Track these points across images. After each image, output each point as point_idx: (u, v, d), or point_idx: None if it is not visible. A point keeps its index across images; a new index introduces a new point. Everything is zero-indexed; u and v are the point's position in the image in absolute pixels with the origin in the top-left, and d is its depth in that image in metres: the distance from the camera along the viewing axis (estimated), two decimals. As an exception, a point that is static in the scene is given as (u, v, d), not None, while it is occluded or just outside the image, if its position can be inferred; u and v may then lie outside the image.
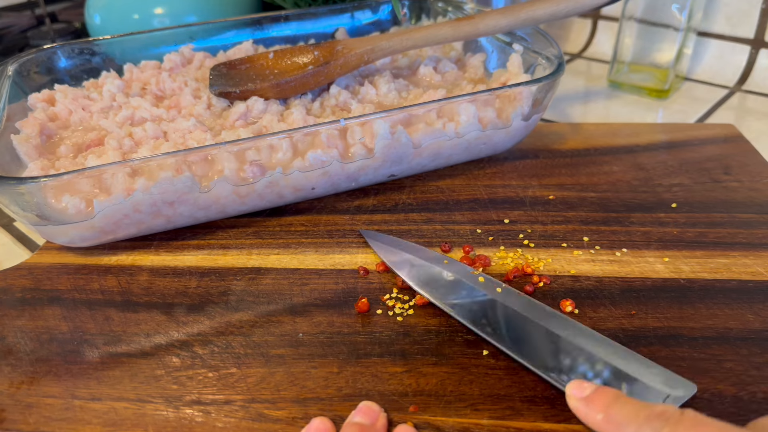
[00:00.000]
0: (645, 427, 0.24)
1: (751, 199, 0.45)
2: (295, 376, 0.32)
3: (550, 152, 0.53)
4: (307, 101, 0.51)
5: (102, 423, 0.30)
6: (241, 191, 0.42)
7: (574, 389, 0.28)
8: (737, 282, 0.37)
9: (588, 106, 0.65)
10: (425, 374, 0.32)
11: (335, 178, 0.44)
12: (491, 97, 0.46)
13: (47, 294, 0.39)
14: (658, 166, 0.50)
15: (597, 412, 0.26)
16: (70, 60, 0.56)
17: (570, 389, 0.28)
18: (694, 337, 0.33)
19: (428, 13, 0.65)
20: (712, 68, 0.68)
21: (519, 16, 0.48)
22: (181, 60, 0.57)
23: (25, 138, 0.44)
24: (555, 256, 0.40)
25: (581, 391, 0.28)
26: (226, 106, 0.50)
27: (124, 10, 0.68)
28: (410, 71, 0.57)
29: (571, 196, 0.46)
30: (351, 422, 0.29)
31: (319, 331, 0.35)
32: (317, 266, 0.40)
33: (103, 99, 0.51)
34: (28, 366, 0.34)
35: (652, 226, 0.42)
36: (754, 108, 0.62)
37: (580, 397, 0.27)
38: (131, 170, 0.38)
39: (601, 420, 0.26)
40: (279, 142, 0.41)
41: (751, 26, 0.65)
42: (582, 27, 0.79)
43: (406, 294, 0.37)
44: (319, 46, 0.53)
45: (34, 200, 0.37)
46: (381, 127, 0.42)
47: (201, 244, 0.43)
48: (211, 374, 0.33)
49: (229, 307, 0.37)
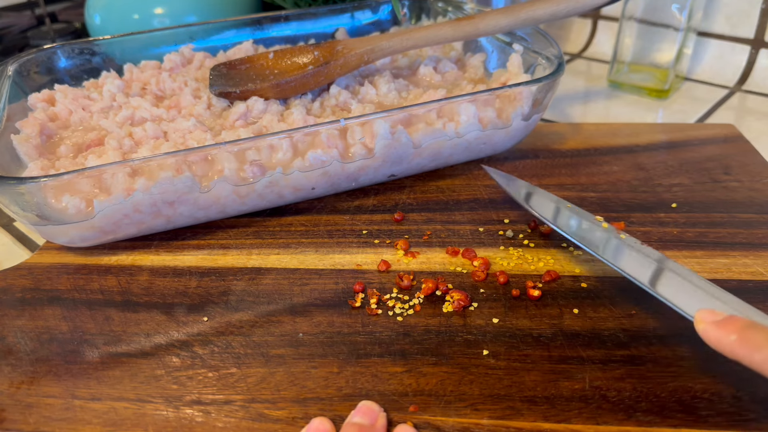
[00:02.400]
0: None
1: (751, 199, 0.45)
2: (295, 376, 0.32)
3: (550, 152, 0.53)
4: (307, 101, 0.51)
5: (102, 423, 0.30)
6: (241, 191, 0.42)
7: (705, 314, 0.28)
8: (737, 282, 0.37)
9: (588, 106, 0.65)
10: (425, 374, 0.32)
11: (335, 178, 0.44)
12: (491, 97, 0.46)
13: (47, 294, 0.39)
14: (658, 166, 0.50)
15: (731, 333, 0.26)
16: (70, 60, 0.56)
17: (701, 314, 0.28)
18: (695, 337, 0.33)
19: (428, 13, 0.65)
20: (712, 68, 0.68)
21: (519, 16, 0.48)
22: (181, 60, 0.58)
23: (25, 138, 0.44)
24: (555, 256, 0.40)
25: (713, 316, 0.28)
26: (226, 106, 0.50)
27: (124, 10, 0.68)
28: (410, 71, 0.57)
29: (571, 196, 0.46)
30: (351, 422, 0.29)
31: (319, 331, 0.35)
32: (317, 266, 0.40)
33: (103, 99, 0.51)
34: (28, 366, 0.34)
35: (652, 226, 0.42)
36: (754, 108, 0.62)
37: (712, 320, 0.27)
38: (131, 170, 0.38)
39: (735, 341, 0.26)
40: (279, 142, 0.41)
41: (751, 26, 0.65)
42: (582, 27, 0.79)
43: (406, 294, 0.37)
44: (319, 46, 0.53)
45: (34, 200, 0.37)
46: (381, 127, 0.42)
47: (201, 244, 0.43)
48: (211, 374, 0.33)
49: (229, 307, 0.37)
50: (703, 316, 0.28)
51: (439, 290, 0.37)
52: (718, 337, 0.27)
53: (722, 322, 0.27)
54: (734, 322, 0.27)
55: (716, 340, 0.27)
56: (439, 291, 0.37)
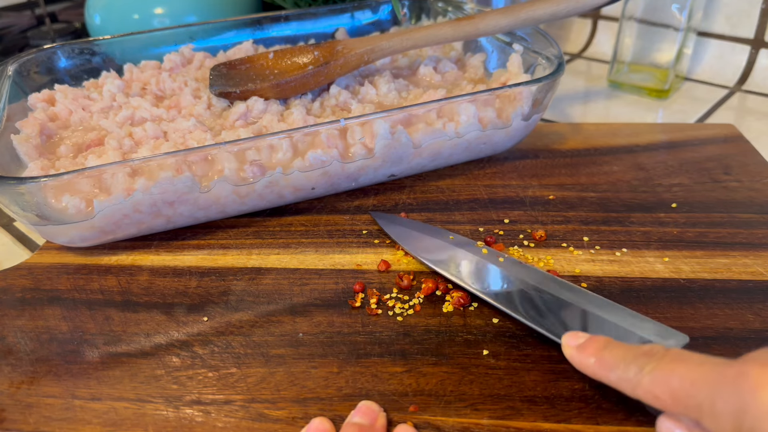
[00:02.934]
0: (632, 366, 0.26)
1: (751, 199, 0.45)
2: (295, 376, 0.32)
3: (550, 152, 0.53)
4: (307, 101, 0.51)
5: (102, 423, 0.30)
6: (241, 191, 0.42)
7: (569, 339, 0.30)
8: (737, 282, 0.37)
9: (588, 106, 0.65)
10: (425, 374, 0.32)
11: (335, 178, 0.44)
12: (491, 97, 0.46)
13: (47, 294, 0.39)
14: (658, 166, 0.50)
15: (589, 356, 0.28)
16: (70, 60, 0.56)
17: (565, 339, 0.30)
18: (694, 337, 0.33)
19: (428, 13, 0.65)
20: (712, 68, 0.68)
21: (519, 16, 0.48)
22: (181, 60, 0.58)
23: (25, 138, 0.44)
24: (555, 256, 0.40)
25: (576, 340, 0.29)
26: (226, 106, 0.50)
27: (124, 10, 0.68)
28: (410, 71, 0.57)
29: (571, 196, 0.46)
30: (350, 422, 0.29)
31: (319, 331, 0.35)
32: (317, 266, 0.40)
33: (103, 99, 0.51)
34: (28, 366, 0.34)
35: (652, 226, 0.42)
36: (754, 108, 0.62)
37: (574, 345, 0.29)
38: (131, 170, 0.38)
39: (594, 364, 0.27)
40: (279, 142, 0.41)
41: (751, 26, 0.65)
42: (582, 27, 0.79)
43: (406, 294, 0.37)
44: (319, 46, 0.53)
45: (34, 200, 0.37)
46: (381, 127, 0.42)
47: (201, 244, 0.43)
48: (211, 374, 0.33)
49: (229, 307, 0.37)
50: (567, 341, 0.30)
51: (439, 290, 0.37)
52: (580, 360, 0.28)
53: (582, 345, 0.29)
54: (592, 344, 0.28)
55: (579, 364, 0.29)
56: (439, 291, 0.37)
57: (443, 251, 0.39)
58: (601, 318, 0.32)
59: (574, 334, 0.30)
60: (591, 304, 0.33)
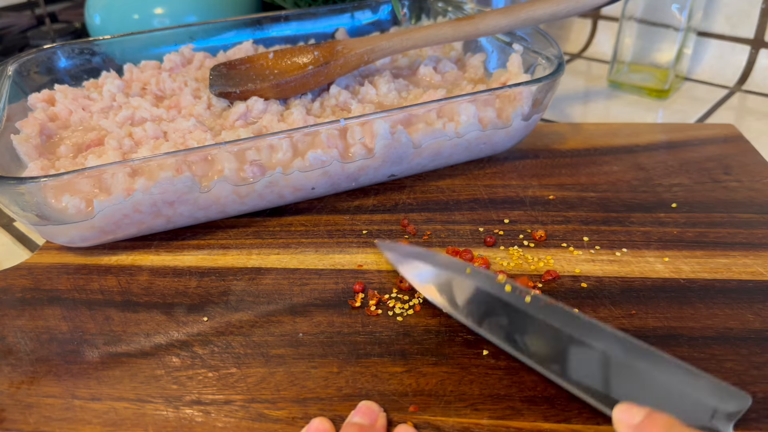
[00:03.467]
0: None
1: (751, 199, 0.45)
2: (295, 376, 0.32)
3: (550, 152, 0.53)
4: (307, 101, 0.51)
5: (102, 423, 0.30)
6: (241, 191, 0.42)
7: (623, 415, 0.25)
8: (737, 282, 0.37)
9: (588, 106, 0.65)
10: (425, 374, 0.32)
11: (335, 178, 0.44)
12: (491, 97, 0.46)
13: (47, 294, 0.39)
14: (658, 166, 0.50)
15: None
16: (70, 60, 0.56)
17: (618, 414, 0.26)
18: (694, 337, 0.33)
19: (428, 13, 0.65)
20: (712, 68, 0.68)
21: (519, 16, 0.48)
22: (181, 60, 0.57)
23: (25, 138, 0.44)
24: (555, 256, 0.40)
25: (631, 417, 0.25)
26: (226, 106, 0.50)
27: (124, 10, 0.68)
28: (410, 71, 0.57)
29: (571, 196, 0.46)
30: (350, 422, 0.29)
31: (319, 331, 0.35)
32: (317, 266, 0.40)
33: (103, 99, 0.51)
34: (28, 366, 0.34)
35: (652, 226, 0.42)
36: (754, 108, 0.62)
37: (630, 424, 0.25)
38: (131, 170, 0.38)
39: None
40: (279, 142, 0.41)
41: (751, 26, 0.65)
42: (582, 27, 0.79)
43: (406, 294, 0.37)
44: (319, 46, 0.53)
45: (34, 200, 0.37)
46: (381, 127, 0.42)
47: (201, 244, 0.43)
48: (211, 374, 0.33)
49: (229, 307, 0.37)
50: (620, 416, 0.26)
51: (439, 290, 0.37)
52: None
53: (641, 426, 0.24)
54: (654, 426, 0.24)
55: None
56: (439, 291, 0.37)
57: (461, 290, 0.35)
58: (648, 374, 0.28)
59: (628, 409, 0.25)
60: (631, 354, 0.29)
